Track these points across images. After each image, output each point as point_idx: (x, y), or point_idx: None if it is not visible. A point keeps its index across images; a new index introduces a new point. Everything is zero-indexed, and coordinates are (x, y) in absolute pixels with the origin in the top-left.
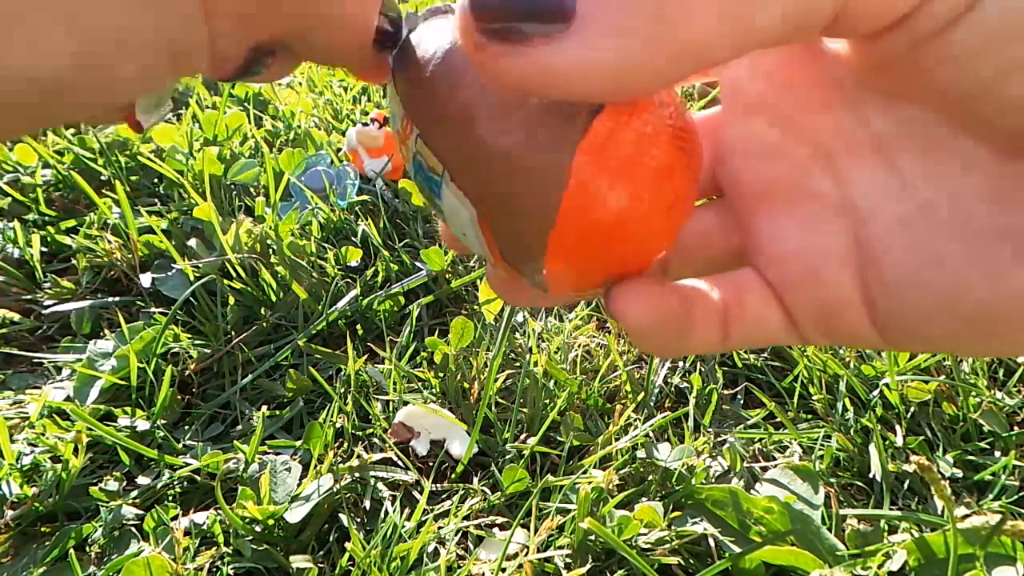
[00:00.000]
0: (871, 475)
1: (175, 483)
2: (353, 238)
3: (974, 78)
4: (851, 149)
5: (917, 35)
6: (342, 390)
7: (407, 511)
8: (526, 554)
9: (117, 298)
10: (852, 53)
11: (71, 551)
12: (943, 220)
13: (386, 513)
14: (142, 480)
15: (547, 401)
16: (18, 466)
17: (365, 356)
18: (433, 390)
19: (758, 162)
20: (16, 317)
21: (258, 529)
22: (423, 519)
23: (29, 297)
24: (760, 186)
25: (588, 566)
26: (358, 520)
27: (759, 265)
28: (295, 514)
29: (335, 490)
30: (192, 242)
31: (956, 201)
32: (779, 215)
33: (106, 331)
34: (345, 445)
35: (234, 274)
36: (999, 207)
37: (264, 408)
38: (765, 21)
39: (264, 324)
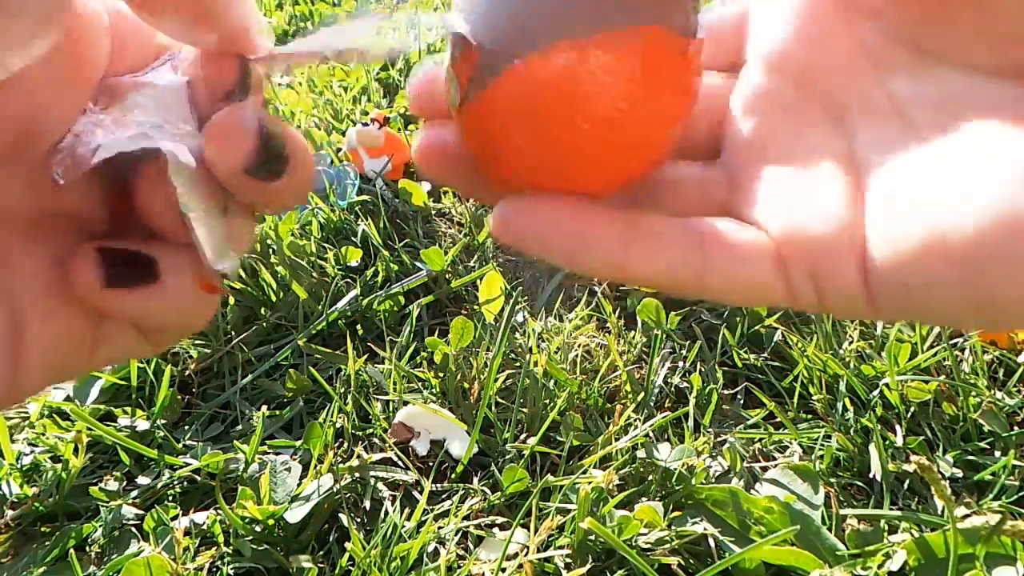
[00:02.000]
0: (871, 475)
1: (175, 483)
2: (353, 238)
3: None
4: (866, 109)
5: None
6: (342, 390)
7: (407, 511)
8: (526, 554)
9: None
10: None
11: (71, 551)
12: (951, 163)
13: (386, 513)
14: (142, 480)
15: (547, 401)
16: (18, 466)
17: (365, 356)
18: (433, 390)
19: (767, 120)
20: None
21: (258, 529)
22: (423, 519)
23: None
24: (762, 140)
25: (588, 566)
26: (358, 520)
27: (750, 216)
28: (295, 514)
29: (335, 490)
30: None
31: (967, 141)
32: (776, 166)
33: None
34: (345, 445)
35: None
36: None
37: (264, 408)
38: None
39: (264, 324)
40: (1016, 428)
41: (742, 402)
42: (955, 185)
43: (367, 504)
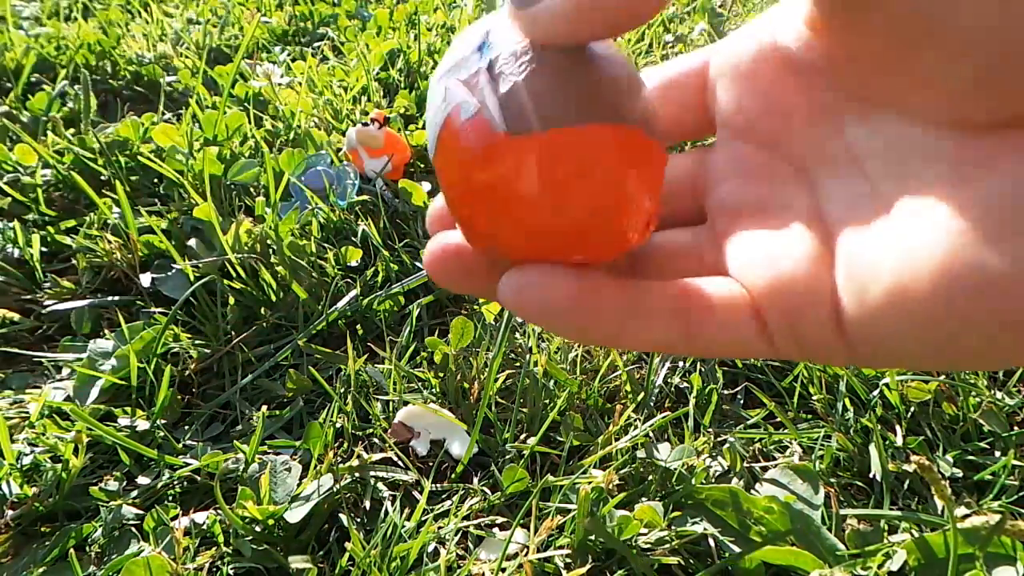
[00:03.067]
0: (871, 475)
1: (175, 483)
2: (353, 238)
3: (927, 7)
4: (826, 161)
5: None
6: (342, 390)
7: (407, 511)
8: (526, 554)
9: (117, 298)
10: (828, 44)
11: (71, 551)
12: (906, 218)
13: (386, 513)
14: (142, 480)
15: (547, 401)
16: (18, 466)
17: (365, 356)
18: (433, 390)
19: (741, 183)
20: (16, 317)
21: (258, 529)
22: (423, 519)
23: (29, 297)
24: (739, 204)
25: (588, 566)
26: (358, 520)
27: (732, 274)
28: (295, 514)
29: (335, 490)
30: (192, 242)
31: (918, 194)
32: (752, 227)
33: (106, 331)
34: (345, 445)
35: (234, 274)
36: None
37: (264, 408)
38: None
39: (264, 324)
40: (1016, 428)
41: (742, 402)
42: (908, 240)
43: (367, 504)
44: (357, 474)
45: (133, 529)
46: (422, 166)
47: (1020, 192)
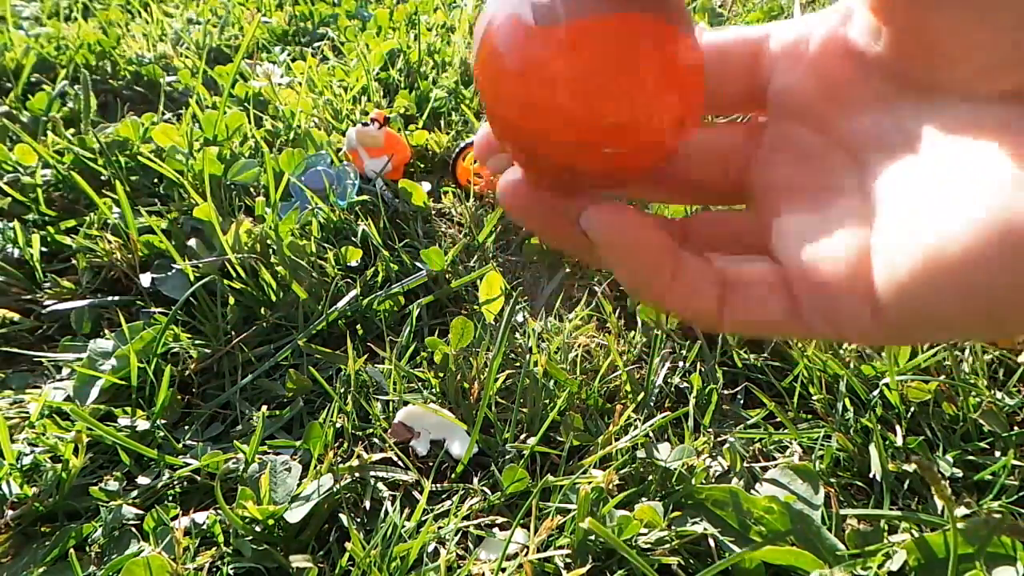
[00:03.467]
0: (871, 475)
1: (175, 483)
2: (353, 238)
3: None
4: (881, 147)
5: None
6: (342, 390)
7: (407, 511)
8: (526, 554)
9: (117, 298)
10: (884, 42)
11: (71, 551)
12: (948, 187)
13: (386, 513)
14: (142, 480)
15: (547, 401)
16: (18, 466)
17: (365, 356)
18: (433, 390)
19: (791, 165)
20: (16, 317)
21: (258, 529)
22: (423, 519)
23: (29, 297)
24: (788, 186)
25: (588, 566)
26: (358, 520)
27: (774, 254)
28: (295, 514)
29: (335, 490)
30: (192, 242)
31: (965, 164)
32: (800, 211)
33: (106, 331)
34: (345, 445)
35: (234, 274)
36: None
37: (264, 408)
38: None
39: (264, 324)
40: (1016, 428)
41: (742, 402)
42: (950, 202)
43: (367, 504)
44: (357, 474)
45: (133, 529)
46: (422, 166)
47: None
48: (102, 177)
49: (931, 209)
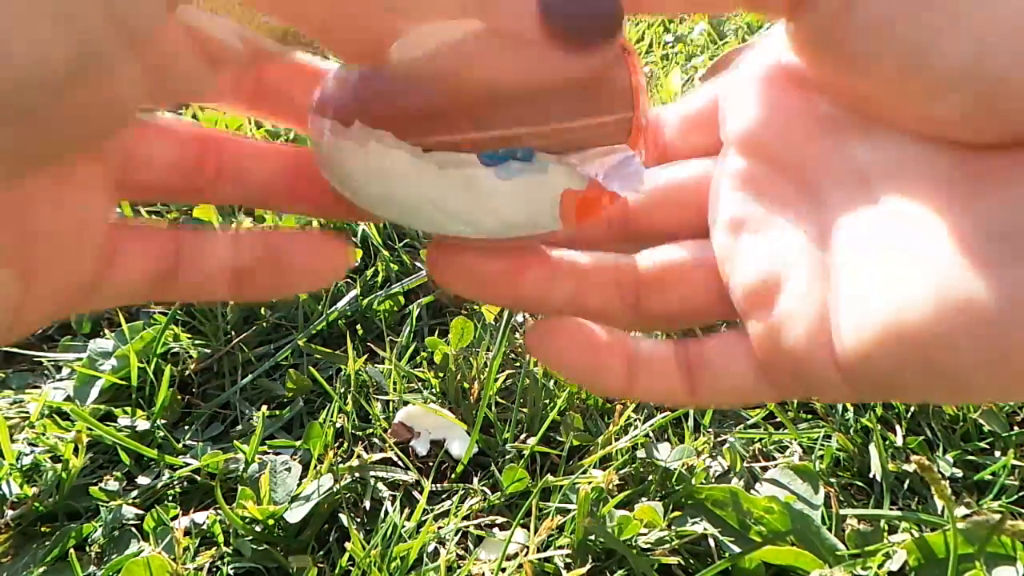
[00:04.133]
0: (871, 475)
1: (175, 483)
2: (353, 238)
3: (899, 45)
4: (829, 175)
5: (830, 7)
6: (342, 390)
7: (407, 511)
8: (526, 554)
9: None
10: (825, 73)
11: (71, 551)
12: (902, 246)
13: (386, 513)
14: (142, 480)
15: (547, 401)
16: (18, 466)
17: (365, 356)
18: (433, 390)
19: (741, 199)
20: None
21: (258, 529)
22: (423, 519)
23: None
24: (740, 220)
25: (588, 566)
26: (358, 520)
27: (734, 299)
28: (295, 514)
29: (335, 490)
30: None
31: (916, 216)
32: (754, 248)
33: (106, 331)
34: (345, 445)
35: None
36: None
37: (264, 408)
38: None
39: (264, 324)
40: (1016, 428)
41: None
42: (902, 274)
43: (367, 504)
44: (357, 474)
45: (133, 529)
46: None
47: (1008, 218)
48: None
49: (884, 277)
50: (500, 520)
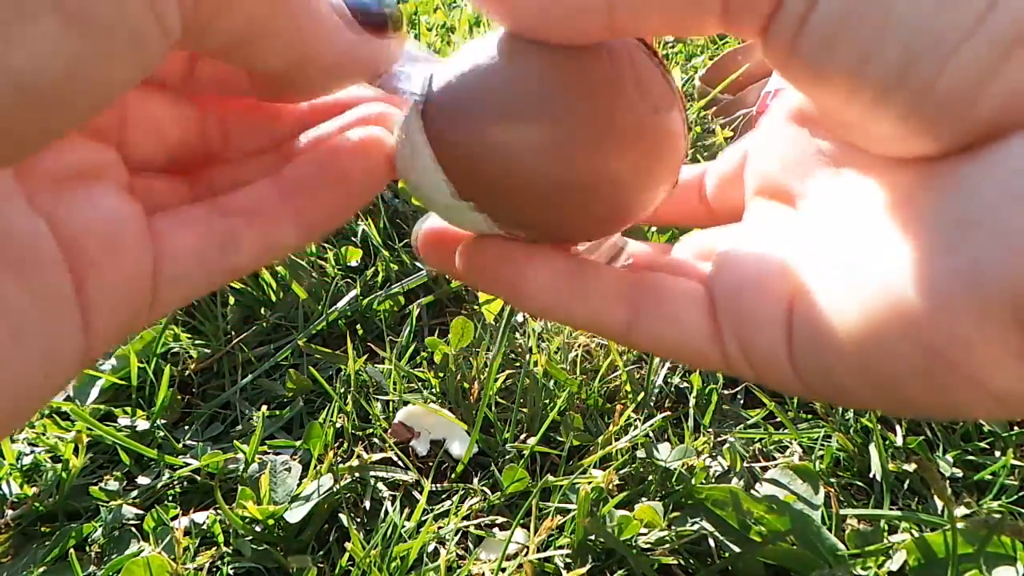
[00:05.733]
0: (871, 475)
1: (175, 483)
2: (353, 238)
3: (845, 61)
4: (819, 200)
5: (789, 26)
6: (342, 390)
7: (407, 511)
8: (526, 554)
9: None
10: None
11: (71, 551)
12: (854, 255)
13: (386, 513)
14: (142, 480)
15: (547, 401)
16: (18, 466)
17: (365, 356)
18: (433, 390)
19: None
20: None
21: (258, 529)
22: (423, 519)
23: None
24: (736, 230)
25: (588, 566)
26: (358, 520)
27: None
28: (295, 514)
29: (335, 490)
30: None
31: (870, 231)
32: (737, 236)
33: None
34: (345, 445)
35: None
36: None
37: (264, 408)
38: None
39: (264, 324)
40: (1016, 428)
41: (742, 402)
42: (850, 279)
43: (367, 504)
44: (357, 474)
45: (133, 529)
46: None
47: (948, 211)
48: None
49: (844, 281)
50: (500, 520)
